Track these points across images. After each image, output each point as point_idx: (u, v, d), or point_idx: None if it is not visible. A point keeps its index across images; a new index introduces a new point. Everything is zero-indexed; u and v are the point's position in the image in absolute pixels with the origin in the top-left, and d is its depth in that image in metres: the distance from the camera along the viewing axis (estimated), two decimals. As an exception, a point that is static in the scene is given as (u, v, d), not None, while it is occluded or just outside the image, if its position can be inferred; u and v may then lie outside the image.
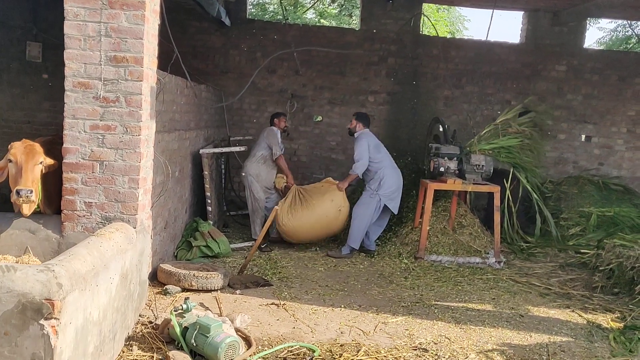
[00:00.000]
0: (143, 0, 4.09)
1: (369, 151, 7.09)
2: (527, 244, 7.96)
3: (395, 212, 7.35)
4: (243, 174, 7.52)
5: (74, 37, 4.10)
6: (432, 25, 9.90)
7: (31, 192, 4.08)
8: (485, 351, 4.45)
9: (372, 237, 7.37)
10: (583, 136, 10.10)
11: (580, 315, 5.48)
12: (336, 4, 15.90)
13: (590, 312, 5.58)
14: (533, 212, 8.32)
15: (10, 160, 4.19)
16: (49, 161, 4.29)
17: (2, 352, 2.83)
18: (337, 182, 7.27)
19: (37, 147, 4.25)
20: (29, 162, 4.15)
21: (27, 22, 8.78)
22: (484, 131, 7.67)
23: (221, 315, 4.53)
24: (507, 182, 7.63)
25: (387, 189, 7.12)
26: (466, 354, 4.37)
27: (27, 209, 4.22)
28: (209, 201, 7.03)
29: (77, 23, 4.09)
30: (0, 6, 8.72)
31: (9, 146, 4.24)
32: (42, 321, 2.81)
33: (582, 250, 7.29)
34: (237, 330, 4.26)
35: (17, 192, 4.06)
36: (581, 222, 8.51)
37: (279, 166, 7.48)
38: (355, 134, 7.33)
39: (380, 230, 7.41)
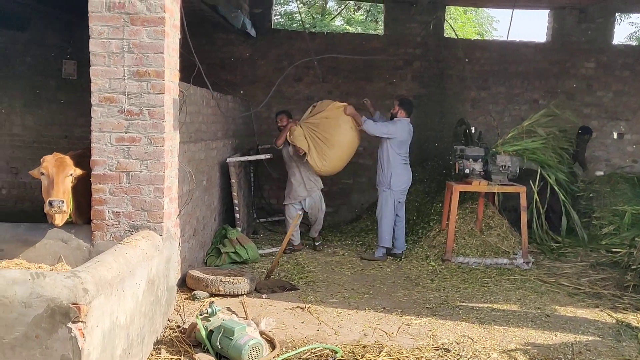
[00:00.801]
0: (162, 16, 4.26)
1: (394, 142, 7.17)
2: (558, 244, 7.87)
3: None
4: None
5: (98, 54, 4.30)
6: (452, 27, 9.88)
7: (62, 202, 4.28)
8: (508, 351, 4.45)
9: (401, 237, 7.42)
10: (615, 133, 9.94)
11: (609, 315, 5.41)
12: (362, 11, 16.00)
13: (620, 312, 5.51)
14: (575, 212, 8.28)
15: (42, 173, 4.40)
16: (79, 172, 4.49)
17: (34, 355, 3.00)
18: (344, 105, 7.34)
19: (67, 159, 4.45)
20: (60, 174, 4.35)
21: (62, 41, 9.17)
22: (509, 135, 7.64)
23: (247, 319, 4.65)
24: (533, 183, 7.55)
25: (398, 186, 7.25)
26: (488, 353, 4.38)
27: (59, 220, 4.42)
28: (237, 208, 7.19)
29: (101, 41, 4.29)
30: (37, 27, 9.14)
31: (41, 159, 4.45)
32: (69, 324, 2.97)
33: (614, 249, 7.17)
34: (261, 333, 4.38)
35: (50, 203, 4.27)
36: (615, 220, 8.36)
37: (285, 138, 7.38)
38: (394, 120, 7.38)
39: (402, 223, 7.46)
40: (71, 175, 4.42)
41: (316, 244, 7.73)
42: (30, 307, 2.96)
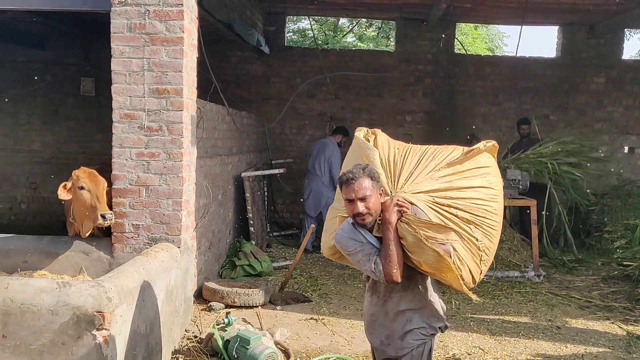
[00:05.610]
0: (181, 36, 4.44)
1: None
2: (569, 258, 7.90)
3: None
4: None
5: (120, 72, 4.48)
6: (461, 44, 10.02)
7: (112, 214, 4.43)
8: (519, 362, 4.52)
9: None
10: (626, 147, 9.98)
11: (620, 327, 5.45)
12: (374, 27, 16.19)
13: (631, 324, 5.54)
14: (587, 226, 8.51)
15: (82, 187, 4.46)
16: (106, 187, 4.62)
17: (60, 361, 3.13)
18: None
19: (97, 174, 4.57)
20: (99, 187, 4.49)
21: (80, 59, 9.40)
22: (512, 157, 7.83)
23: (262, 330, 4.75)
24: (540, 197, 7.62)
25: None
26: (499, 364, 4.45)
27: (86, 231, 4.55)
28: (251, 222, 7.32)
29: (122, 60, 4.47)
30: (56, 46, 9.39)
31: (73, 174, 4.54)
32: (94, 332, 3.11)
33: (625, 263, 7.20)
34: (276, 343, 4.48)
35: (103, 217, 4.37)
36: (626, 234, 8.36)
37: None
38: None
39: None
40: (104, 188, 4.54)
41: None
42: (57, 315, 3.10)
